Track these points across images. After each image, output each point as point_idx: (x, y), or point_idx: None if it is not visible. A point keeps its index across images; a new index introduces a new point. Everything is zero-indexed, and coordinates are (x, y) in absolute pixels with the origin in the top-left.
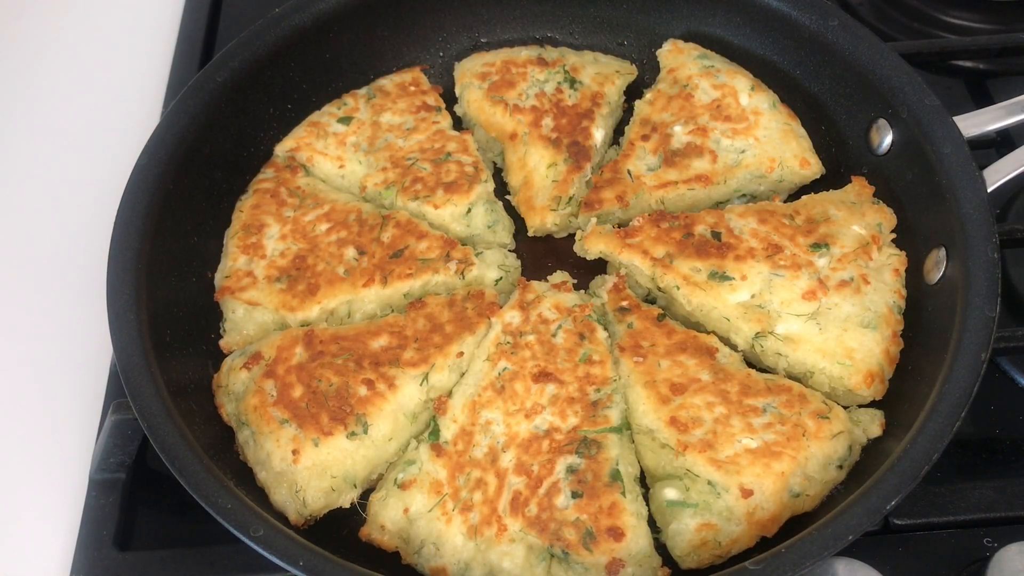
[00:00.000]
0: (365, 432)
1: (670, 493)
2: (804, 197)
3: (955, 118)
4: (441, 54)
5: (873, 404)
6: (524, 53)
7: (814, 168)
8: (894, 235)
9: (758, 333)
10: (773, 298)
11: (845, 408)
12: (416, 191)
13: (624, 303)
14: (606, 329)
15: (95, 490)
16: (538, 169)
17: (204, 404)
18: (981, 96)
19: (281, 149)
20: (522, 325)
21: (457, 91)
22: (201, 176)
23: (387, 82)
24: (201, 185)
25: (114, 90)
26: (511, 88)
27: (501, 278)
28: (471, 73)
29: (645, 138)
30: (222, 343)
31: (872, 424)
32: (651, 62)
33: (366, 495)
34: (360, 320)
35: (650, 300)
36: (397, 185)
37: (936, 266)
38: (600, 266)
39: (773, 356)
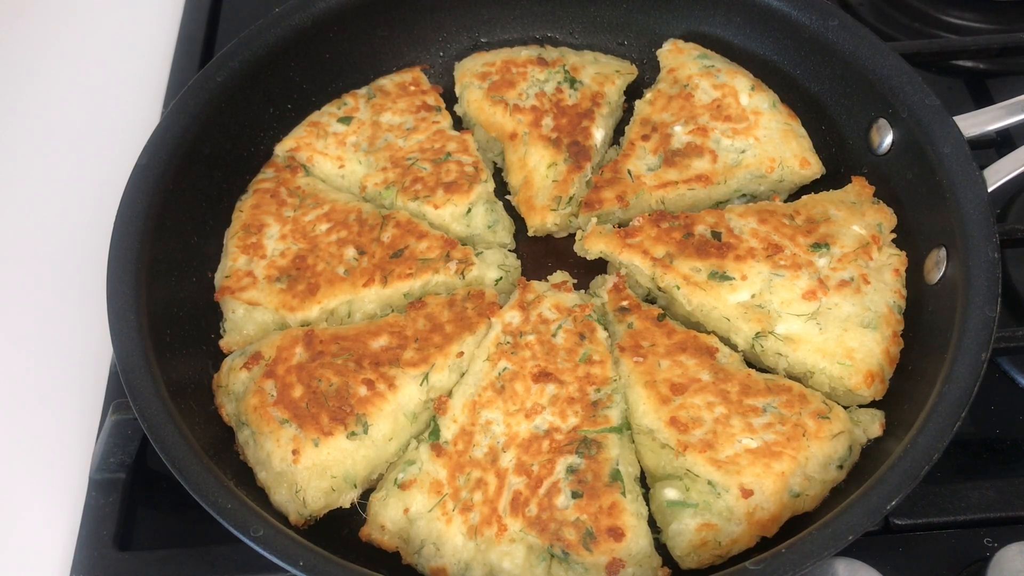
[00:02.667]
0: (365, 432)
1: (670, 493)
2: (804, 197)
3: (955, 118)
4: (441, 54)
5: (873, 404)
6: (524, 53)
7: (814, 168)
8: (894, 235)
9: (758, 333)
10: (773, 298)
11: (845, 408)
12: (416, 191)
13: (624, 303)
14: (606, 329)
15: (95, 490)
16: (538, 169)
17: (204, 404)
18: (981, 96)
19: (281, 149)
20: (522, 325)
21: (457, 91)
22: (201, 176)
23: (387, 82)
24: (201, 185)
25: (114, 90)
26: (511, 88)
27: (501, 278)
28: (471, 73)
29: (645, 138)
30: (222, 343)
31: (872, 424)
32: (651, 62)
33: (366, 495)
34: (360, 320)
35: (650, 300)
36: (397, 185)
37: (936, 266)
38: (600, 266)
39: (773, 356)
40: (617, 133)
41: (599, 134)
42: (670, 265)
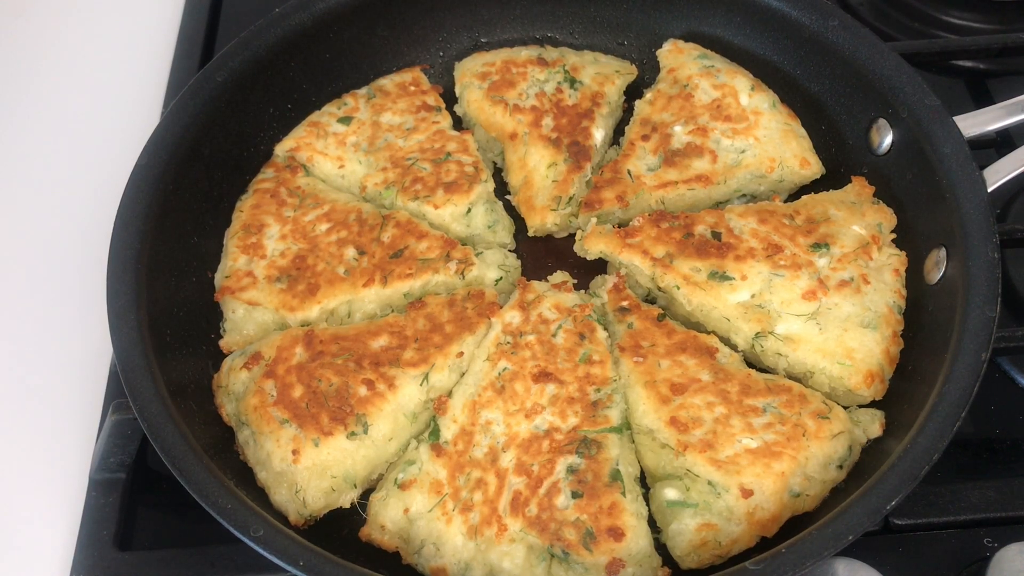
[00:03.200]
0: (365, 432)
1: (670, 493)
2: (804, 197)
3: (955, 118)
4: (441, 54)
5: (873, 404)
6: (524, 53)
7: (814, 168)
8: (894, 235)
9: (758, 333)
10: (773, 298)
11: (845, 408)
12: (416, 191)
13: (624, 303)
14: (606, 329)
15: (95, 490)
16: (538, 169)
17: (204, 404)
18: (981, 96)
19: (281, 149)
20: (522, 325)
21: (457, 91)
22: (201, 176)
23: (387, 82)
24: (201, 185)
25: (114, 90)
26: (511, 88)
27: (501, 278)
28: (471, 73)
29: (645, 138)
30: (222, 343)
31: (872, 424)
32: (651, 62)
33: (366, 495)
34: (360, 320)
35: (650, 300)
36: (397, 185)
37: (936, 266)
38: (600, 266)
39: (773, 356)
40: (617, 133)
41: (599, 134)
42: (670, 265)
